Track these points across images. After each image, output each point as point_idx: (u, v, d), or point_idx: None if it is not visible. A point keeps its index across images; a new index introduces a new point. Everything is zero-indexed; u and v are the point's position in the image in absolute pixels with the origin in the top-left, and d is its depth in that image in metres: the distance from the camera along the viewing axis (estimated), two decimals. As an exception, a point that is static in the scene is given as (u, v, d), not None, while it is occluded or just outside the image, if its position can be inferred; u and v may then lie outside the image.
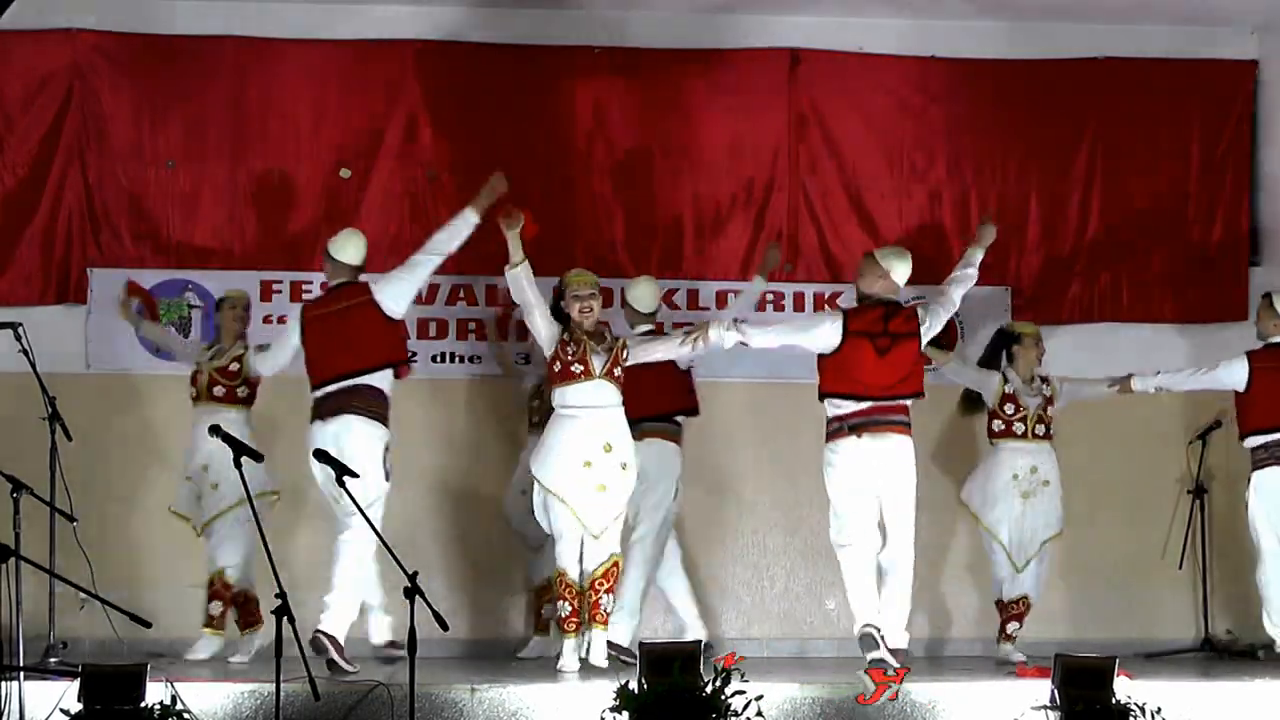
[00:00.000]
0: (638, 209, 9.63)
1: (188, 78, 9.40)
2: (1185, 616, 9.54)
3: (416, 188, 9.50)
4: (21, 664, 6.89)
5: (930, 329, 8.26)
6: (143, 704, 6.49)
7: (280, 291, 9.44)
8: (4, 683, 6.61)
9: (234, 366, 8.66)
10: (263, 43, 9.44)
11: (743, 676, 6.73)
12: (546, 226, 9.36)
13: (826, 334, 8.11)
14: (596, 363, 8.06)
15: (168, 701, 6.60)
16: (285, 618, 6.34)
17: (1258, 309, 9.02)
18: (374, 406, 8.10)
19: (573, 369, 8.06)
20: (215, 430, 7.17)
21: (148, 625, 7.59)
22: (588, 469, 8.01)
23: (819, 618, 9.54)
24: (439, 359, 9.49)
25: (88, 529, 8.11)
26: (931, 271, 9.68)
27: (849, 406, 8.08)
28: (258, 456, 7.01)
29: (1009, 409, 8.88)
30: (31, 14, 8.91)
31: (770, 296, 9.59)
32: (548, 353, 8.13)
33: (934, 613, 9.59)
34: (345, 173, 9.47)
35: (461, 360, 9.45)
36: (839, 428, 8.10)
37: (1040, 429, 8.88)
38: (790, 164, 9.71)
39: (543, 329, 8.13)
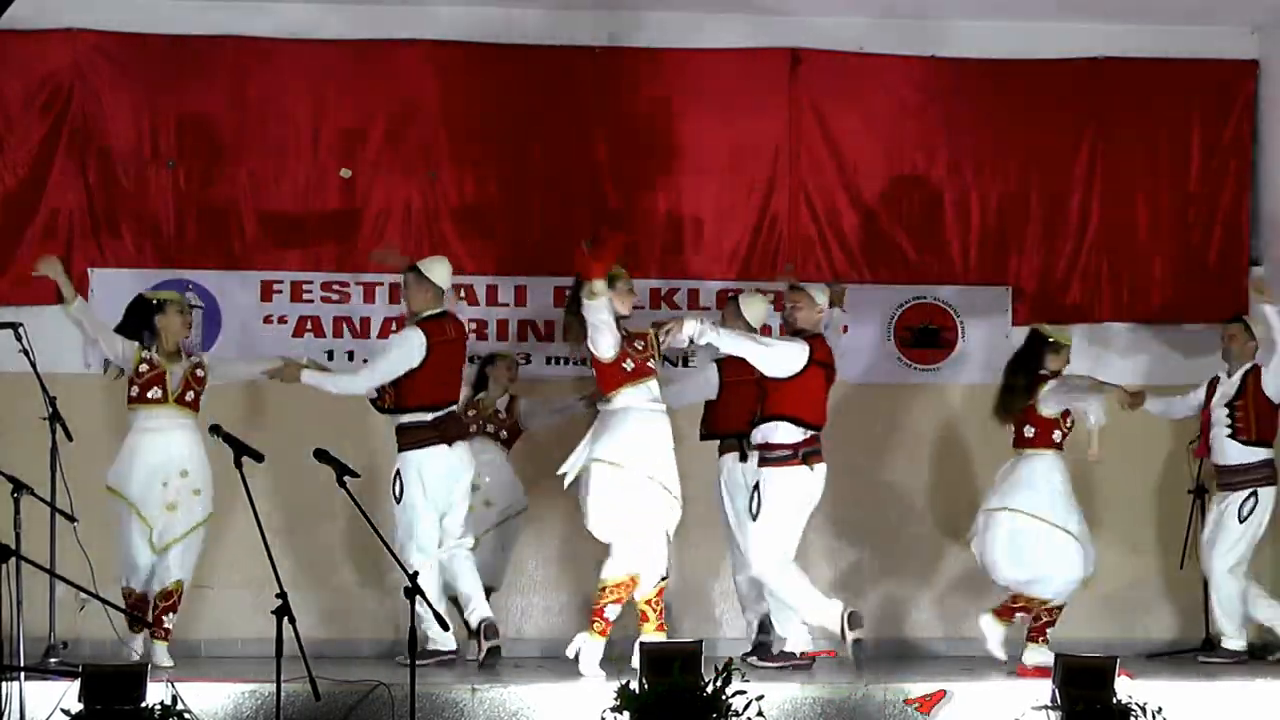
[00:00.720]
0: (638, 209, 9.61)
1: (188, 78, 9.38)
2: (1185, 616, 9.53)
3: (417, 188, 9.48)
4: (22, 664, 6.89)
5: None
6: (143, 704, 6.49)
7: (280, 292, 9.43)
8: (5, 683, 6.61)
9: (200, 373, 8.45)
10: (263, 43, 9.42)
11: (743, 676, 6.74)
12: (546, 226, 9.44)
13: (795, 357, 8.20)
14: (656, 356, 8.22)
15: (168, 702, 6.60)
16: (285, 618, 6.35)
17: (1228, 333, 9.04)
18: None
19: (649, 364, 8.15)
20: (216, 430, 7.16)
21: (149, 625, 7.62)
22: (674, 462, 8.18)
23: (819, 618, 9.53)
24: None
25: (88, 529, 8.12)
26: (932, 273, 9.73)
27: (799, 434, 8.18)
28: (259, 457, 7.02)
29: (1069, 420, 8.72)
30: (31, 14, 8.89)
31: (771, 297, 9.57)
32: (611, 356, 8.07)
33: (935, 612, 9.59)
34: (345, 173, 9.46)
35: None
36: (790, 455, 8.19)
37: None
38: (790, 164, 9.70)
39: (611, 339, 8.07)
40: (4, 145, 9.28)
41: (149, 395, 8.33)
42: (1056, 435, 8.68)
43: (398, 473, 8.39)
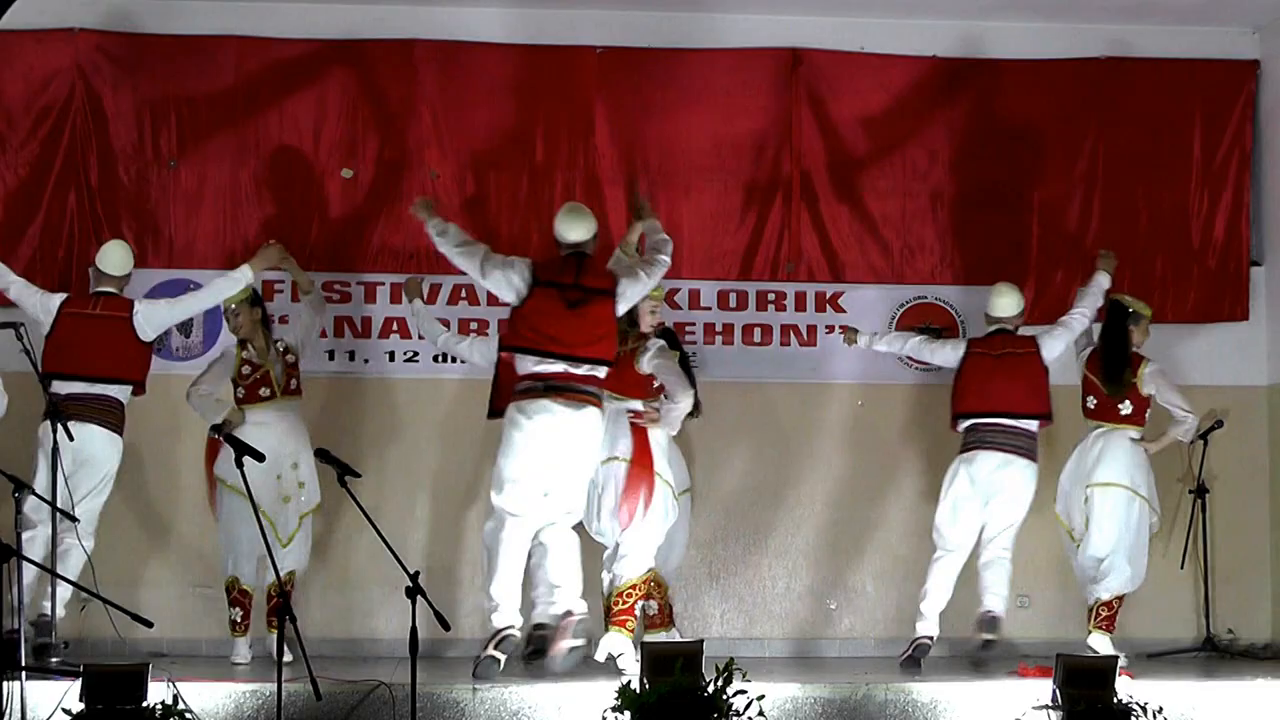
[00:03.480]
0: (638, 209, 9.63)
1: (188, 78, 9.39)
2: (1186, 616, 9.54)
3: (418, 187, 9.48)
4: (23, 664, 6.89)
5: None
6: (144, 704, 6.50)
7: (281, 291, 9.43)
8: (6, 682, 6.61)
9: (290, 357, 8.73)
10: (263, 43, 9.43)
11: (744, 676, 6.74)
12: (546, 227, 9.43)
13: None
14: None
15: (169, 701, 6.61)
16: (286, 617, 6.36)
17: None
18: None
19: None
20: (217, 430, 7.18)
21: (149, 625, 7.58)
22: None
23: (820, 617, 9.54)
24: (440, 359, 9.48)
25: (87, 529, 8.11)
26: (932, 273, 9.72)
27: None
28: (260, 457, 7.04)
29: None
30: (33, 14, 8.91)
31: (772, 296, 9.60)
32: None
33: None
34: (347, 172, 9.47)
35: (463, 360, 9.43)
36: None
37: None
38: (790, 164, 9.70)
39: None
40: (4, 145, 9.30)
41: (260, 394, 8.54)
42: (1090, 402, 8.88)
43: None
